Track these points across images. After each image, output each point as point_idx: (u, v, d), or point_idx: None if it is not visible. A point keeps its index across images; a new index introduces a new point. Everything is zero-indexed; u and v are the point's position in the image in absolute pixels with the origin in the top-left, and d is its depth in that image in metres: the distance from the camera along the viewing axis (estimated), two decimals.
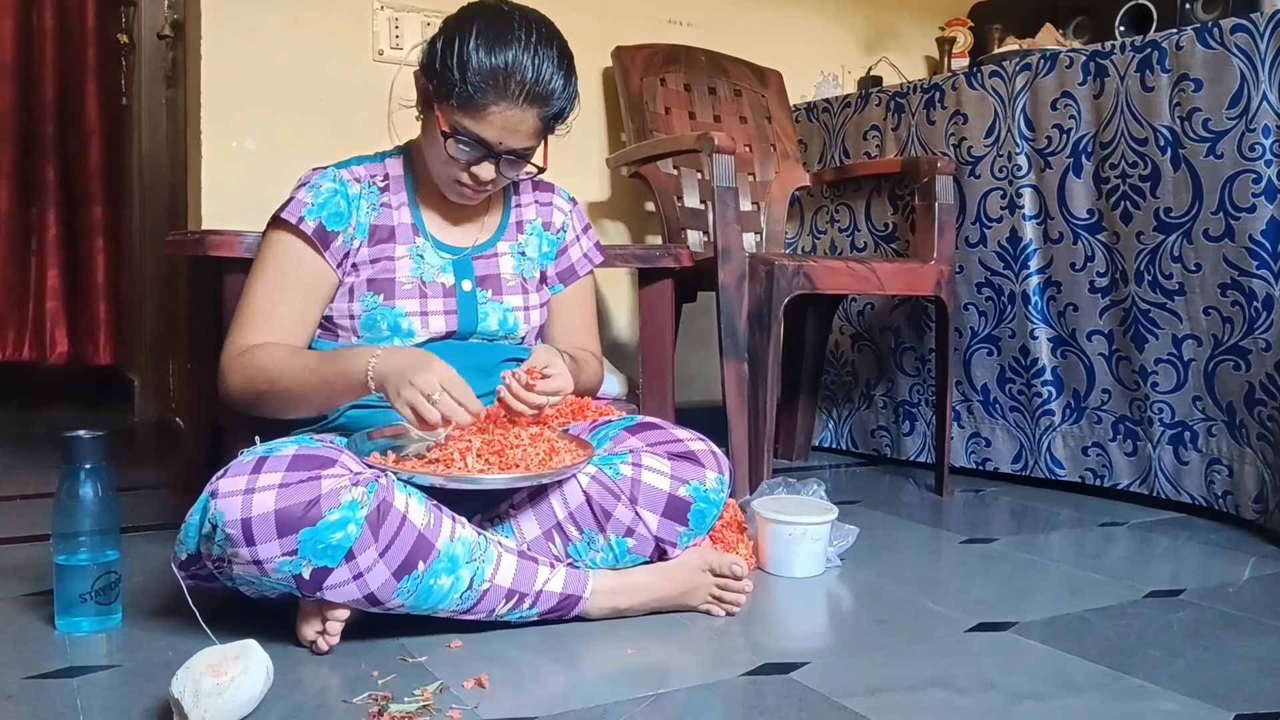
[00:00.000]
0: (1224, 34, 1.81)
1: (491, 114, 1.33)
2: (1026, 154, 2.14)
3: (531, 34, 1.34)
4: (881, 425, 2.53)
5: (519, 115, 1.34)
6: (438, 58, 1.34)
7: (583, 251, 1.60)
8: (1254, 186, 1.79)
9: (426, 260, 1.44)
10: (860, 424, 2.58)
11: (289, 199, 1.41)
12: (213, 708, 0.95)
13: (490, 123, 1.33)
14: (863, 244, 2.52)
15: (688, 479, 1.33)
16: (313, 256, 1.39)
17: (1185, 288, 1.92)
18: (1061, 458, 2.17)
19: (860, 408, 2.58)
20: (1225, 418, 1.91)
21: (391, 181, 1.47)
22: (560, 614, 1.28)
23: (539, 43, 1.33)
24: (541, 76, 1.33)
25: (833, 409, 2.64)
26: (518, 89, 1.32)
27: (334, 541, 1.12)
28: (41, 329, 3.50)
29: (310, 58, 2.22)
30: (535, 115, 1.35)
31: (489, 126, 1.34)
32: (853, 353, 2.58)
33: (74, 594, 1.23)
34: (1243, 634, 1.32)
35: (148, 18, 2.98)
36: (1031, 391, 2.19)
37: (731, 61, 2.61)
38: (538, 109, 1.34)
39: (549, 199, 1.59)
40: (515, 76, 1.31)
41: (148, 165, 3.06)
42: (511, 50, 1.31)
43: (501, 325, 1.47)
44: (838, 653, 1.25)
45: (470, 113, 1.33)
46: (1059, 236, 2.11)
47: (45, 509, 1.36)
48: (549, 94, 1.34)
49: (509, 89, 1.32)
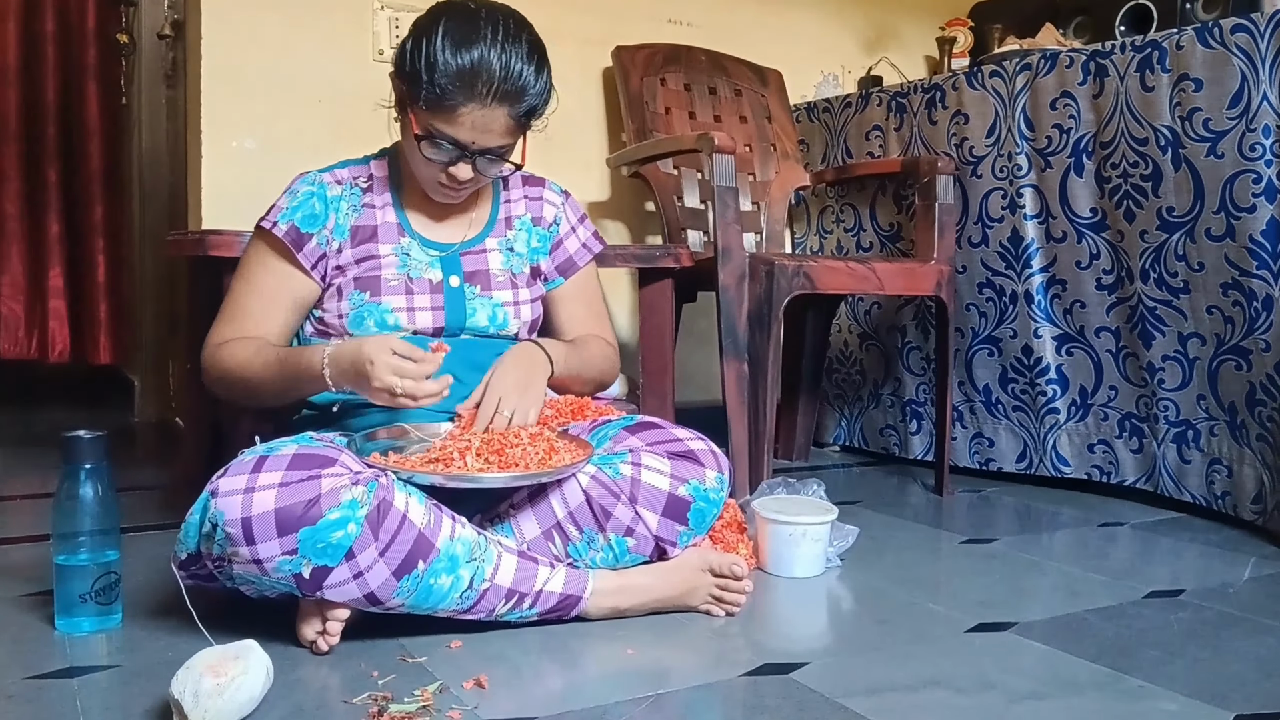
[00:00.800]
0: (1224, 34, 1.81)
1: (461, 115, 1.32)
2: (1027, 154, 2.14)
3: (498, 31, 1.33)
4: (889, 424, 2.53)
5: (489, 114, 1.33)
6: (407, 59, 1.34)
7: (580, 242, 1.60)
8: (1254, 186, 1.79)
9: (413, 258, 1.45)
10: (869, 422, 2.59)
11: (271, 205, 1.44)
12: (213, 708, 0.95)
13: (461, 123, 1.33)
14: (868, 244, 2.52)
15: (687, 478, 1.33)
16: (283, 261, 1.42)
17: (1190, 285, 1.92)
18: (1067, 455, 2.17)
19: (869, 406, 2.59)
20: (1227, 417, 1.91)
21: (375, 182, 1.47)
22: (560, 614, 1.28)
23: (506, 39, 1.32)
24: (510, 74, 1.32)
25: (844, 407, 2.65)
26: (485, 88, 1.31)
27: (334, 540, 1.12)
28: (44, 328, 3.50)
29: (310, 58, 2.22)
30: (506, 114, 1.34)
31: (460, 127, 1.34)
32: (861, 352, 2.59)
33: (74, 594, 1.23)
34: (1243, 634, 1.32)
35: (148, 18, 2.98)
36: (1035, 390, 2.19)
37: (732, 61, 2.61)
38: (508, 107, 1.34)
39: (539, 194, 1.58)
40: (482, 76, 1.31)
41: (148, 165, 3.06)
42: (478, 49, 1.31)
43: (491, 321, 1.47)
44: (838, 653, 1.25)
45: (441, 114, 1.33)
46: (1062, 235, 2.11)
47: (45, 509, 1.37)
48: (519, 91, 1.33)
49: (476, 89, 1.31)
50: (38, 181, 3.47)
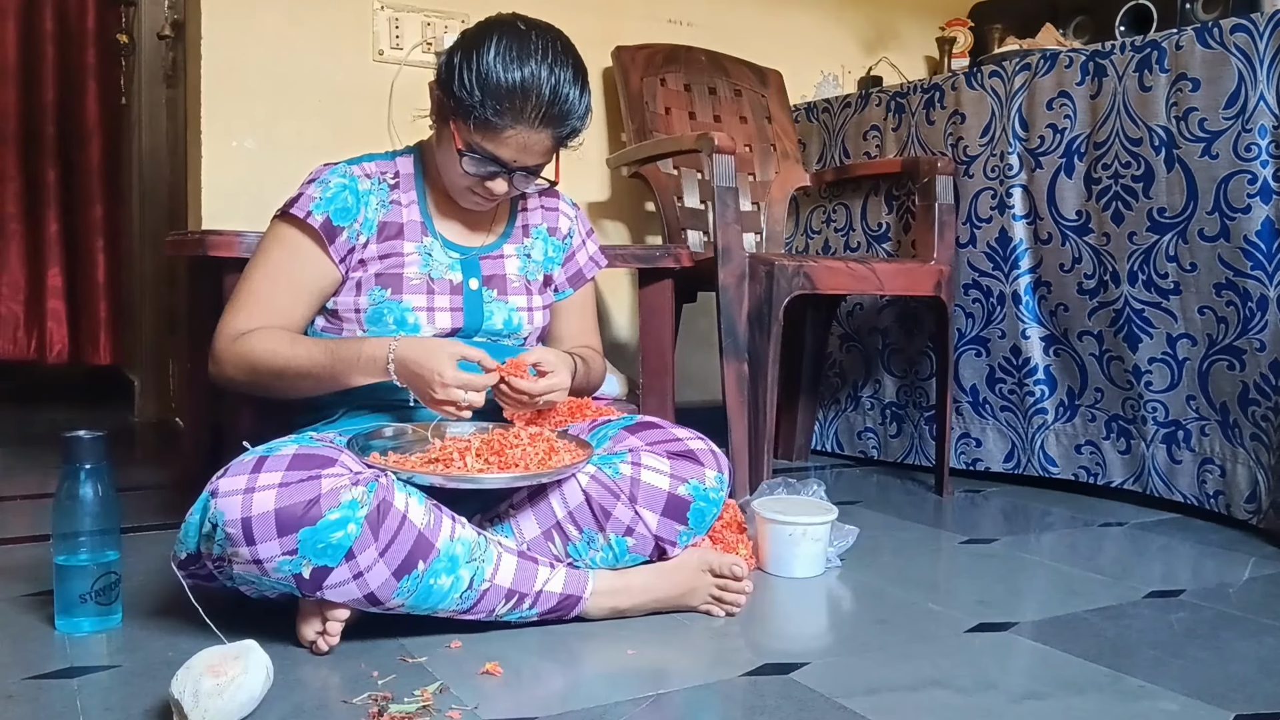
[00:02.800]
0: (1224, 34, 1.81)
1: (508, 135, 1.33)
2: (1019, 154, 2.14)
3: (548, 54, 1.33)
4: (869, 427, 2.52)
5: (535, 136, 1.34)
6: (455, 74, 1.34)
7: (589, 255, 1.63)
8: (1249, 187, 1.79)
9: (435, 258, 1.45)
10: (847, 426, 2.57)
11: (298, 194, 1.41)
12: (213, 708, 0.95)
13: (506, 143, 1.34)
14: (856, 244, 2.52)
15: (687, 478, 1.34)
16: (316, 251, 1.39)
17: (1180, 287, 1.92)
18: (1055, 455, 2.17)
19: (847, 409, 2.57)
20: (1219, 417, 1.91)
21: (402, 179, 1.47)
22: (560, 614, 1.28)
23: (555, 64, 1.33)
24: (559, 98, 1.33)
25: (819, 411, 2.63)
26: (534, 112, 1.32)
27: (334, 541, 1.12)
28: (43, 328, 3.51)
29: (310, 57, 2.22)
30: (550, 135, 1.36)
31: (504, 147, 1.34)
32: (841, 354, 2.57)
33: (74, 594, 1.23)
34: (1242, 634, 1.33)
35: (148, 18, 2.98)
36: (1024, 390, 2.19)
37: (731, 61, 2.61)
38: (553, 129, 1.35)
39: (554, 204, 1.60)
40: (532, 99, 1.32)
41: (148, 165, 3.06)
42: (529, 71, 1.31)
43: (506, 325, 1.48)
44: (838, 653, 1.25)
45: (487, 133, 1.34)
46: (1048, 237, 2.11)
47: (45, 509, 1.37)
48: (565, 114, 1.35)
49: (525, 112, 1.32)
50: (37, 181, 3.47)
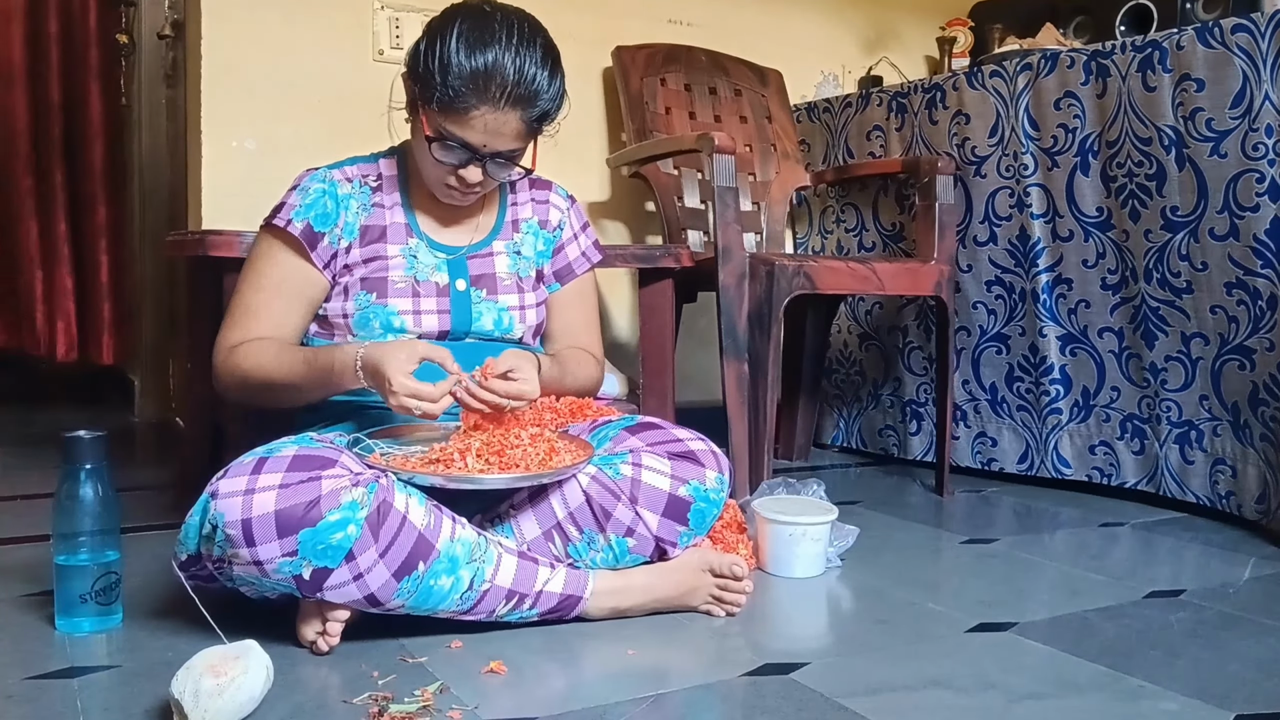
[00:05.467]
0: (1225, 34, 1.81)
1: (473, 117, 1.32)
2: (1033, 153, 2.14)
3: (513, 35, 1.32)
4: (889, 425, 2.53)
5: (502, 118, 1.33)
6: (420, 60, 1.34)
7: (580, 250, 1.60)
8: (1258, 186, 1.79)
9: (420, 260, 1.44)
10: (868, 423, 2.59)
11: (280, 202, 1.42)
12: (213, 708, 0.95)
13: (473, 126, 1.33)
14: (870, 244, 2.52)
15: (688, 479, 1.33)
16: (299, 260, 1.40)
17: (1193, 286, 1.92)
18: (1068, 457, 2.17)
19: (868, 407, 2.59)
20: (1230, 417, 1.91)
21: (384, 181, 1.47)
22: (560, 614, 1.28)
23: (520, 43, 1.32)
24: (524, 78, 1.32)
25: (842, 408, 2.65)
26: (498, 91, 1.31)
27: (334, 542, 1.12)
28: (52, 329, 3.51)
29: (310, 57, 2.22)
30: (518, 117, 1.34)
31: (472, 130, 1.33)
32: (861, 352, 2.59)
33: (74, 594, 1.23)
34: (1243, 634, 1.32)
35: (148, 18, 2.98)
36: (1040, 390, 2.19)
37: (732, 61, 2.61)
38: (520, 111, 1.33)
39: (545, 197, 1.58)
40: (496, 79, 1.30)
41: (148, 165, 3.06)
42: (492, 52, 1.30)
43: (497, 325, 1.47)
44: (838, 653, 1.25)
45: (453, 116, 1.32)
46: (1069, 234, 2.11)
47: (45, 509, 1.37)
48: (532, 95, 1.33)
49: (489, 92, 1.31)
50: (46, 182, 3.48)
